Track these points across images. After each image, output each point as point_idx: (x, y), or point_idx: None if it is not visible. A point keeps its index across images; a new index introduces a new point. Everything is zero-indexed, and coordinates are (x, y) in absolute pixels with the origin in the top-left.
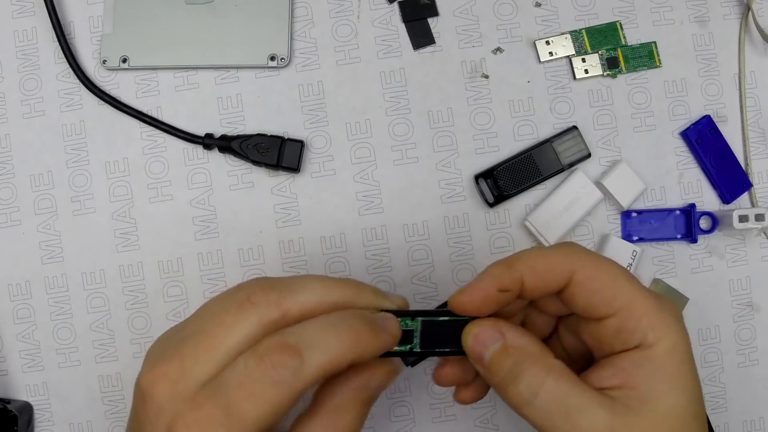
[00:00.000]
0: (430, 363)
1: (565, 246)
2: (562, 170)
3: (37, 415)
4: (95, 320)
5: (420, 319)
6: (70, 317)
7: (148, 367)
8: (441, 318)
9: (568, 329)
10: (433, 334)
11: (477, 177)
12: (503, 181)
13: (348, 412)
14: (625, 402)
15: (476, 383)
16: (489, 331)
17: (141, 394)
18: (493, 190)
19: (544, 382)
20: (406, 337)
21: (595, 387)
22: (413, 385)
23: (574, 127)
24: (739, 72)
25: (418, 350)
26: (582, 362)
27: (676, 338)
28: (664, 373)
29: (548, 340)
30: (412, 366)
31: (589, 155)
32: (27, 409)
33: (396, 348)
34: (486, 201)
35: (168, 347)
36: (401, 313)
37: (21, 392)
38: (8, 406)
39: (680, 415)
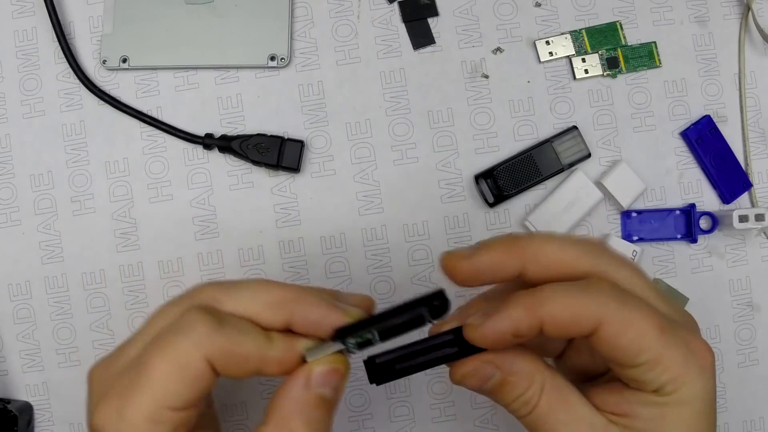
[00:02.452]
0: None
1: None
2: (562, 170)
3: (37, 415)
4: (95, 320)
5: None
6: (70, 317)
7: (91, 409)
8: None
9: (577, 349)
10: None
11: (477, 177)
12: (503, 181)
13: (295, 419)
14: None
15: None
16: (484, 368)
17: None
18: (493, 190)
19: (539, 400)
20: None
21: (596, 404)
22: (413, 385)
23: (574, 127)
24: (739, 72)
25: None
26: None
27: (696, 391)
28: (671, 423)
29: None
30: (378, 383)
31: (589, 155)
32: (27, 409)
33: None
34: (486, 201)
35: (107, 383)
36: (355, 328)
37: (21, 392)
38: (8, 406)
39: None
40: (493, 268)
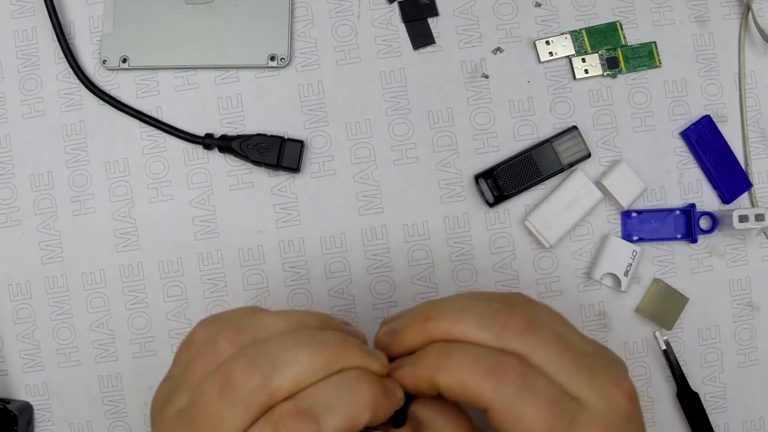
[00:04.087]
0: None
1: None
2: (562, 170)
3: (37, 415)
4: (95, 320)
5: None
6: (70, 317)
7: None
8: None
9: None
10: None
11: (477, 177)
12: (503, 181)
13: None
14: None
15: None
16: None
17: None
18: (493, 190)
19: None
20: None
21: None
22: None
23: (574, 127)
24: (739, 72)
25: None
26: None
27: None
28: None
29: None
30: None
31: (589, 155)
32: (27, 409)
33: None
34: (486, 201)
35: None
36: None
37: (21, 392)
38: (8, 406)
39: None
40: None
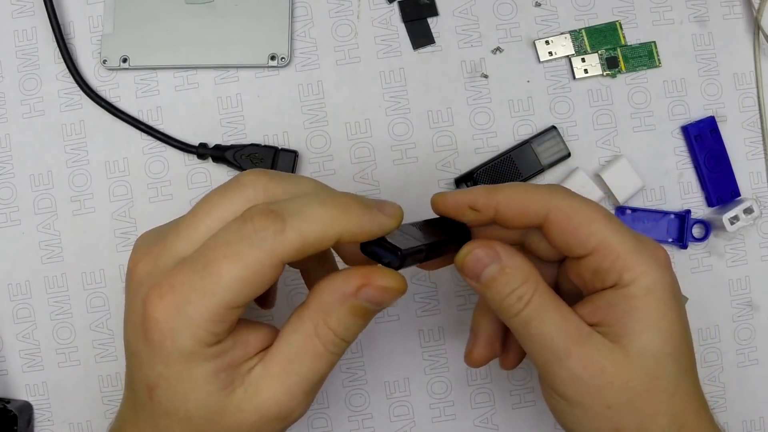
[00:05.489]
0: (428, 363)
1: (549, 187)
2: (542, 170)
3: (37, 415)
4: (95, 320)
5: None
6: (70, 317)
7: (134, 251)
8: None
9: (563, 274)
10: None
11: (458, 180)
12: (484, 183)
13: (333, 316)
14: (603, 337)
15: (512, 351)
16: (486, 251)
17: (127, 275)
18: None
19: (532, 297)
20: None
21: None
22: (413, 385)
23: (553, 127)
24: (755, 71)
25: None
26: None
27: (653, 279)
28: (637, 313)
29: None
30: (396, 268)
31: (568, 155)
32: (27, 408)
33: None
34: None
35: (157, 233)
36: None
37: (21, 392)
38: (8, 406)
39: (655, 355)
40: (466, 206)
